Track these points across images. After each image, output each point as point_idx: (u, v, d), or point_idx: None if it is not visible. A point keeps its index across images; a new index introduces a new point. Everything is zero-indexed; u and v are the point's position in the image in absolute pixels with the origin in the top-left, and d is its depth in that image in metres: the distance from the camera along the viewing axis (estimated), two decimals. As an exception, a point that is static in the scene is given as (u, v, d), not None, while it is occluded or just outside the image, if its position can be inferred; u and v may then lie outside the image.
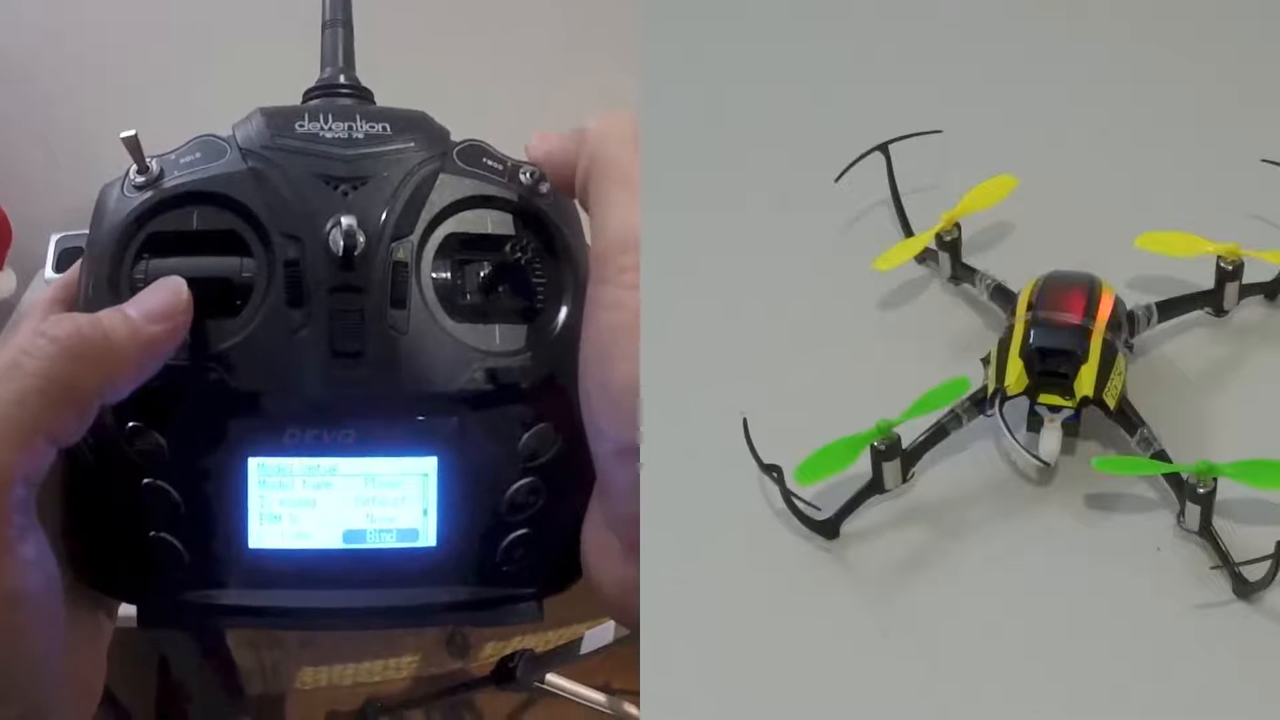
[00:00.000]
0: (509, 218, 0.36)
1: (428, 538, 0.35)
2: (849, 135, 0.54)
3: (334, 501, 0.34)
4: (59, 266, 1.25)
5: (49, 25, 1.23)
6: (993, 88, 0.58)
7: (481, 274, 0.35)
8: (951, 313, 0.51)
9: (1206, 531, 0.42)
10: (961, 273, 0.51)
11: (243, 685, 1.40)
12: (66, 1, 1.22)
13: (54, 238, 1.26)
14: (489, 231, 0.35)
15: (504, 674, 1.18)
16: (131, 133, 0.34)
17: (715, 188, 0.55)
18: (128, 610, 0.36)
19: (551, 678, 1.22)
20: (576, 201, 0.34)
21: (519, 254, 0.35)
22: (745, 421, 0.45)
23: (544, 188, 0.36)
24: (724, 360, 0.50)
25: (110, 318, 0.31)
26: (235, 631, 1.24)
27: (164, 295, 0.32)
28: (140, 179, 0.34)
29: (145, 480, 0.34)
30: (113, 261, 0.34)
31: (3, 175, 1.25)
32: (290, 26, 0.49)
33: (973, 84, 0.58)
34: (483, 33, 1.29)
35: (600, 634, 1.12)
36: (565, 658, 1.18)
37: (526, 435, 0.35)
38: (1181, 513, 0.43)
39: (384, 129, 0.35)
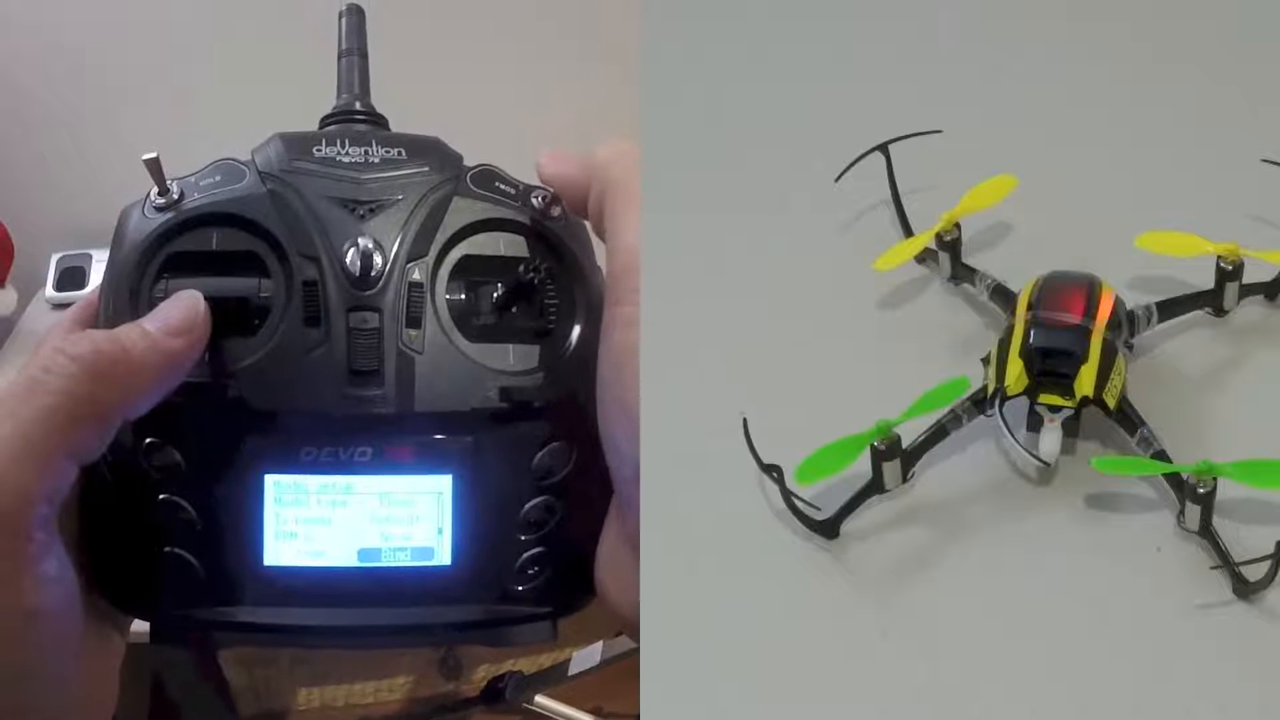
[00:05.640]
0: (521, 240, 0.36)
1: (442, 556, 0.35)
2: (849, 135, 0.54)
3: (349, 519, 0.34)
4: (60, 285, 1.26)
5: (51, 45, 1.23)
6: (993, 88, 0.58)
7: (495, 295, 0.36)
8: (951, 313, 0.51)
9: (1206, 531, 0.43)
10: (961, 273, 0.51)
11: (235, 705, 1.40)
12: (70, 22, 1.22)
13: (55, 256, 1.27)
14: (502, 253, 0.36)
15: (493, 694, 1.19)
16: (153, 155, 0.34)
17: (715, 188, 0.55)
18: (135, 627, 0.36)
19: (544, 700, 1.22)
20: (589, 225, 0.35)
21: (531, 275, 0.35)
22: (745, 421, 0.45)
23: (555, 211, 0.36)
24: (724, 360, 0.50)
25: (128, 333, 0.31)
26: (229, 650, 1.23)
27: (181, 309, 0.32)
28: (161, 200, 0.35)
29: (162, 496, 0.34)
30: (133, 281, 0.34)
31: (4, 193, 1.25)
32: (306, 55, 0.50)
33: (973, 84, 0.58)
34: (494, 61, 1.32)
35: (588, 655, 1.12)
36: (554, 679, 1.18)
37: (540, 453, 0.35)
38: (1181, 513, 0.43)
39: (399, 153, 0.36)
